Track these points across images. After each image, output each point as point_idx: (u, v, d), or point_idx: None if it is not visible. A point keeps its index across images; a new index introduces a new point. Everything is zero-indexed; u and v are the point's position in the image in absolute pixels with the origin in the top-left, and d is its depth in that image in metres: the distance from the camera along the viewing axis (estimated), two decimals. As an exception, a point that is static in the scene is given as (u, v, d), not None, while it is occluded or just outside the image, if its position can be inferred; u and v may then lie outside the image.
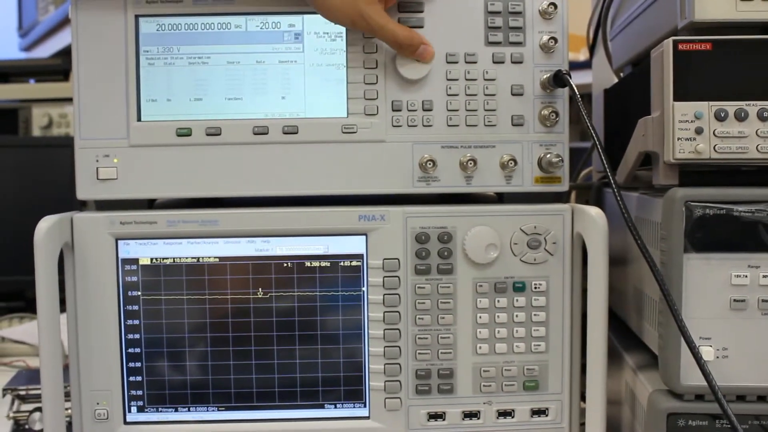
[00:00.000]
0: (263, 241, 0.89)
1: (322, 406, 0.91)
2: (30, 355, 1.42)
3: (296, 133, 0.89)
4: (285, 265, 0.90)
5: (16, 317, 1.57)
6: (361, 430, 0.91)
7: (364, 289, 0.90)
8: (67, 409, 0.88)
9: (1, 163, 1.68)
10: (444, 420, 0.90)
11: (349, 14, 0.84)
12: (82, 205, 0.97)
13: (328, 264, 0.90)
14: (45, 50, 2.24)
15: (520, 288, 0.89)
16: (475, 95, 0.89)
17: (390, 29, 0.85)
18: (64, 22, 2.08)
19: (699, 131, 0.76)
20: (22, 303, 1.65)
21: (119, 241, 0.89)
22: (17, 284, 1.65)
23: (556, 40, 0.89)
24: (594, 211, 0.85)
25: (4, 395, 1.07)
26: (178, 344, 0.90)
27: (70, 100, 1.98)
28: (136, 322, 0.89)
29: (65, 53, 2.09)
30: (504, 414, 0.91)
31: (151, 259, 0.89)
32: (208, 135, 0.89)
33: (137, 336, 0.89)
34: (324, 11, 0.85)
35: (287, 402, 0.91)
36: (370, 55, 0.89)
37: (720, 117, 0.76)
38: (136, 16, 0.88)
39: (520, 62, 0.90)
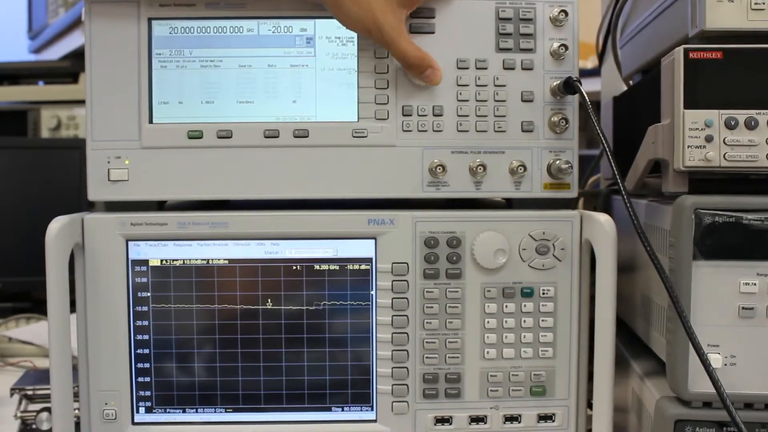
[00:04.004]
0: (272, 244, 0.90)
1: (329, 409, 0.91)
2: (37, 355, 1.42)
3: (307, 136, 0.89)
4: (294, 267, 0.90)
5: (23, 318, 1.57)
6: (367, 434, 0.91)
7: (373, 292, 0.90)
8: (75, 409, 0.88)
9: (9, 164, 1.69)
10: (451, 424, 0.91)
11: (365, 23, 0.84)
12: (90, 207, 0.98)
13: (337, 267, 0.90)
14: (54, 52, 2.25)
15: (528, 293, 0.90)
16: (486, 101, 0.90)
17: (402, 46, 0.85)
18: (74, 24, 2.09)
19: (709, 139, 0.76)
20: (29, 304, 1.65)
21: (130, 242, 0.89)
22: (24, 285, 1.66)
23: (566, 47, 0.89)
24: (603, 218, 0.86)
25: (11, 395, 1.08)
26: (186, 345, 0.90)
27: (78, 102, 2.01)
28: (146, 323, 0.90)
29: (74, 56, 2.09)
30: (511, 419, 0.91)
31: (161, 261, 0.90)
32: (219, 138, 0.89)
33: (146, 337, 0.90)
34: (341, 17, 0.85)
35: (294, 404, 0.91)
36: (381, 60, 0.89)
37: (730, 125, 0.76)
38: (149, 19, 0.89)
39: (531, 69, 0.90)
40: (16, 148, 1.71)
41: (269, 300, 0.90)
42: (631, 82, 1.21)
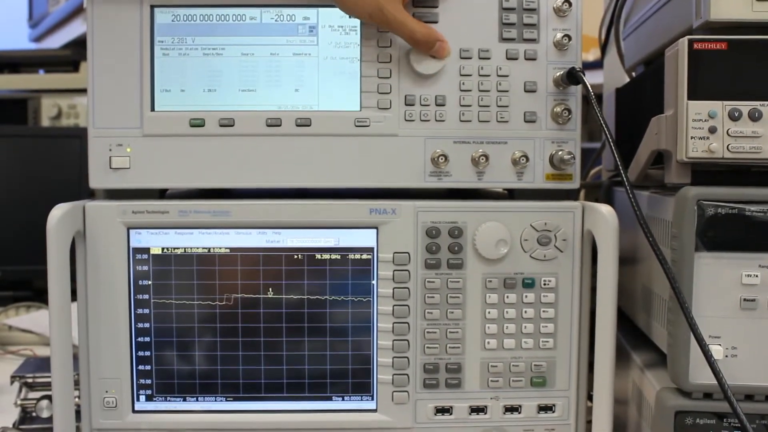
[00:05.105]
0: (274, 233, 0.90)
1: (329, 399, 0.91)
2: (37, 343, 1.43)
3: (309, 125, 0.89)
4: (295, 257, 0.90)
5: (23, 306, 1.58)
6: (368, 423, 0.91)
7: (374, 282, 0.90)
8: (75, 397, 0.88)
9: (10, 152, 1.68)
10: (451, 414, 0.91)
11: (367, 7, 0.84)
12: (91, 195, 0.98)
13: (339, 257, 0.90)
14: (55, 41, 2.24)
15: (529, 284, 0.90)
16: (488, 91, 0.90)
17: (408, 25, 0.85)
18: (75, 13, 2.08)
19: (712, 130, 0.76)
20: (29, 292, 1.65)
21: (131, 230, 0.89)
22: (25, 273, 1.66)
23: (570, 37, 0.89)
24: (605, 209, 0.86)
25: (11, 383, 1.08)
26: (187, 334, 0.90)
27: (79, 90, 2.00)
28: (146, 311, 0.90)
29: (75, 44, 2.09)
30: (511, 409, 0.91)
31: (162, 249, 0.90)
32: (221, 126, 0.89)
33: (147, 325, 0.90)
34: (341, 3, 0.85)
35: (295, 393, 0.91)
36: (384, 49, 0.89)
37: (734, 116, 0.76)
38: (152, 7, 0.89)
39: (534, 59, 0.90)
40: (17, 137, 1.71)
41: (270, 289, 0.90)
42: (633, 73, 1.21)
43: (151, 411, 0.91)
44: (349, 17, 0.88)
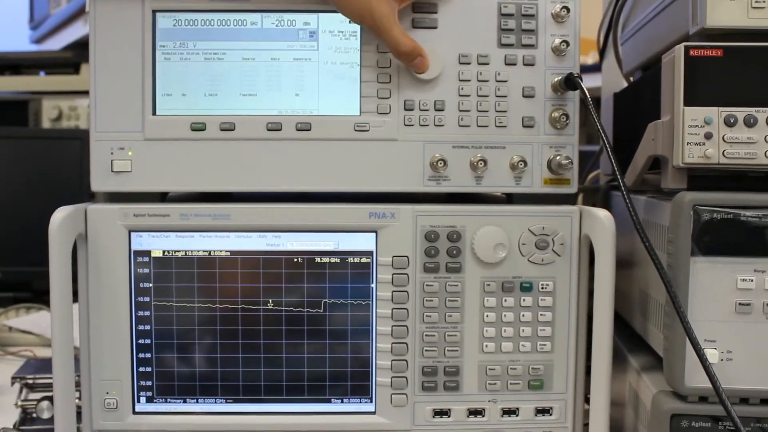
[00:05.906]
0: (274, 236, 0.90)
1: (328, 401, 0.92)
2: (37, 345, 1.43)
3: (309, 130, 0.90)
4: (295, 260, 0.91)
5: (23, 307, 1.58)
6: (366, 425, 0.91)
7: (373, 285, 0.90)
8: (76, 398, 0.88)
9: (10, 154, 1.69)
10: (449, 417, 0.91)
11: (359, 10, 0.85)
12: (91, 197, 0.98)
13: (338, 260, 0.91)
14: (56, 43, 2.25)
15: (527, 288, 0.90)
16: (487, 96, 0.90)
17: (393, 35, 0.86)
18: (76, 15, 2.09)
19: (708, 136, 0.77)
20: (30, 293, 1.65)
21: (132, 233, 0.90)
22: (25, 275, 1.66)
23: (568, 43, 0.90)
24: (602, 213, 0.86)
25: (12, 384, 1.08)
26: (187, 336, 0.91)
27: (80, 93, 2.01)
28: (147, 313, 0.90)
29: (76, 46, 2.09)
30: (508, 412, 0.92)
31: (163, 252, 0.90)
32: (222, 130, 0.90)
33: (148, 327, 0.90)
34: (338, 4, 0.86)
35: (294, 396, 0.92)
36: (383, 54, 0.89)
37: (729, 123, 0.77)
38: (154, 11, 0.89)
39: (532, 64, 0.90)
40: (17, 138, 1.72)
41: (270, 292, 0.91)
42: (631, 78, 1.22)
43: (151, 412, 0.91)
44: (349, 22, 0.89)
